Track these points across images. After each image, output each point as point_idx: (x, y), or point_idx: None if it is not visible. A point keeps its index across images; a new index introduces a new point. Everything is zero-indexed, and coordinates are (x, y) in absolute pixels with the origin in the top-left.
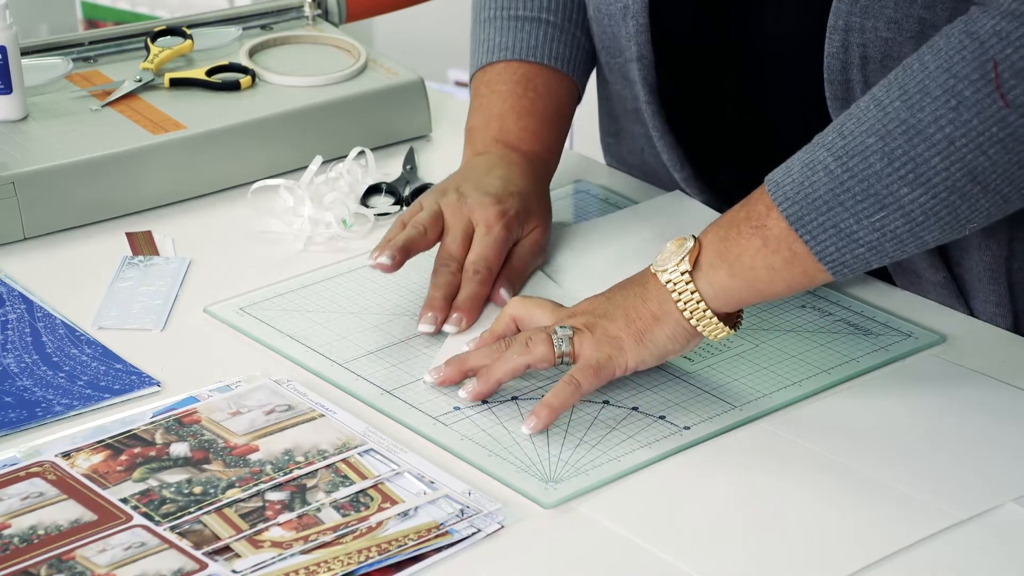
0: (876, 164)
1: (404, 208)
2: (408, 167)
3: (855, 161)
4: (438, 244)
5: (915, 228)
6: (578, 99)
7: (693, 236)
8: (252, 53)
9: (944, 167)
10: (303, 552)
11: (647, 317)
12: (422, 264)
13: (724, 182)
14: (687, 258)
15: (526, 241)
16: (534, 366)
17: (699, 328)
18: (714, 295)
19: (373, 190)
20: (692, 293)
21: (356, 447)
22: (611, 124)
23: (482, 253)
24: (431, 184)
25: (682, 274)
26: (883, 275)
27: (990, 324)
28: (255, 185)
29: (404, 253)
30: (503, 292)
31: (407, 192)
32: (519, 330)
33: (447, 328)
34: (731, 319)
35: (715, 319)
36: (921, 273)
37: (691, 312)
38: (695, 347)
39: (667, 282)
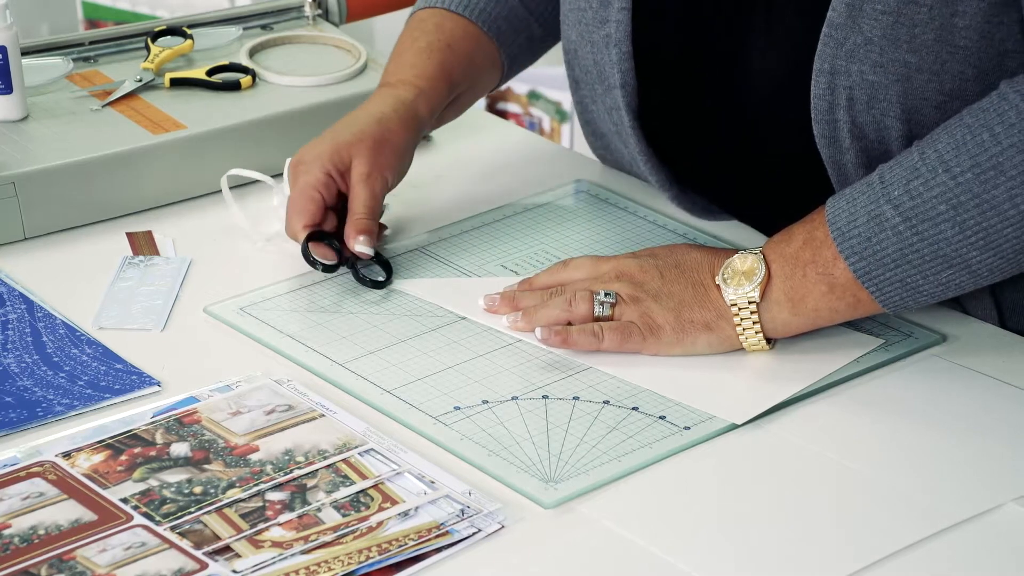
0: (947, 231)
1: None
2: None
3: (925, 226)
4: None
5: (978, 280)
6: (495, 58)
7: (762, 256)
8: (252, 53)
9: (1016, 235)
10: (303, 552)
11: (698, 323)
12: (421, 263)
13: (718, 199)
14: (758, 288)
15: (351, 176)
16: (573, 322)
17: (746, 347)
18: (773, 328)
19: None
20: (754, 323)
21: (356, 447)
22: (598, 141)
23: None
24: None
25: (749, 302)
26: None
27: (985, 321)
28: (231, 171)
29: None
30: (359, 247)
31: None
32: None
33: (507, 320)
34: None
35: (764, 343)
36: None
37: (747, 337)
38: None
39: (732, 304)
